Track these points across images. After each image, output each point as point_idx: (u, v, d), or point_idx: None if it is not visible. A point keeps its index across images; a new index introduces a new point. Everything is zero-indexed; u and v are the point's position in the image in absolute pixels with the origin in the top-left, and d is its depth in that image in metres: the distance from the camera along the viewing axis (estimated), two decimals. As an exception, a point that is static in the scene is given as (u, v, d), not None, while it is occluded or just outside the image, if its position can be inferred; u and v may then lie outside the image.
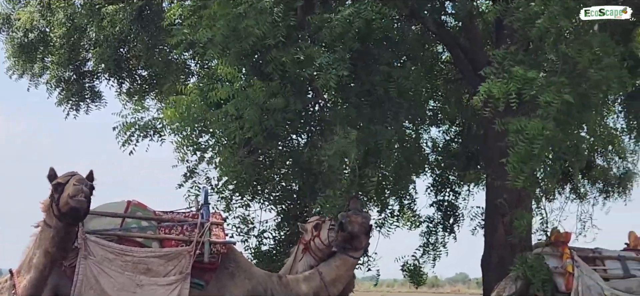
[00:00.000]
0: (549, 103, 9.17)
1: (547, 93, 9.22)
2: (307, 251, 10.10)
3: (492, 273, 12.60)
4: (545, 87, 9.35)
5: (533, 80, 9.41)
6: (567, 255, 10.38)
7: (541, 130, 9.11)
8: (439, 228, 15.88)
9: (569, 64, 9.95)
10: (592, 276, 10.24)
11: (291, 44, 10.92)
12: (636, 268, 10.64)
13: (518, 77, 9.43)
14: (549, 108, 9.18)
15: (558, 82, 9.45)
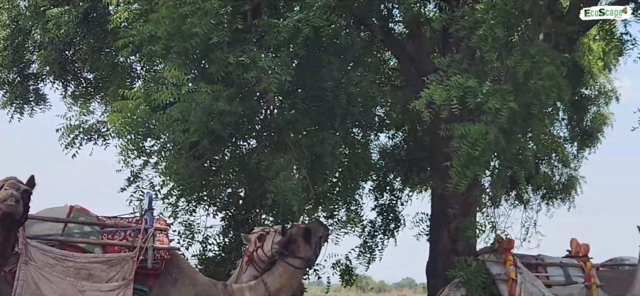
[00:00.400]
0: (497, 110, 9.25)
1: (495, 101, 9.30)
2: (251, 263, 10.02)
3: (437, 279, 12.67)
4: (490, 95, 9.43)
5: (474, 88, 9.49)
6: (510, 262, 10.47)
7: (484, 134, 9.19)
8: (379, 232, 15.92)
9: (511, 73, 10.06)
10: (534, 283, 10.36)
11: (237, 46, 10.85)
12: (577, 275, 10.79)
13: (459, 85, 9.51)
14: (496, 116, 9.26)
15: (502, 90, 9.54)
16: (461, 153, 9.37)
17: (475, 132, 9.23)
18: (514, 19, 10.36)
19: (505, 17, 9.93)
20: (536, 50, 10.02)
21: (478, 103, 9.46)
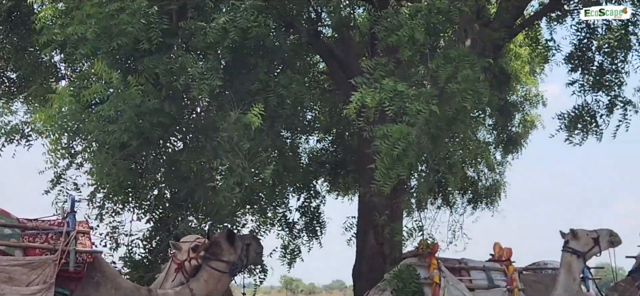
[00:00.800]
0: (418, 112, 9.31)
1: (417, 103, 9.36)
2: (180, 271, 9.84)
3: (363, 281, 12.74)
4: (415, 98, 9.49)
5: (402, 92, 9.54)
6: (435, 266, 10.54)
7: (405, 134, 9.24)
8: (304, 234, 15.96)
9: (434, 77, 10.15)
10: (457, 287, 10.44)
11: (165, 50, 10.73)
12: (500, 278, 10.92)
13: (388, 88, 9.55)
14: (417, 118, 9.32)
15: (425, 94, 9.62)
16: (384, 154, 9.40)
17: (396, 132, 9.27)
18: (440, 25, 10.43)
19: (429, 22, 10.00)
20: (457, 55, 10.12)
21: (402, 106, 9.51)
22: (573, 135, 14.27)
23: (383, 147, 9.38)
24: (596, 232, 11.07)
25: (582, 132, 14.38)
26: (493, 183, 17.86)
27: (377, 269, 12.48)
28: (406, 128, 9.29)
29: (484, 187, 17.79)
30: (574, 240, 10.97)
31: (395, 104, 9.51)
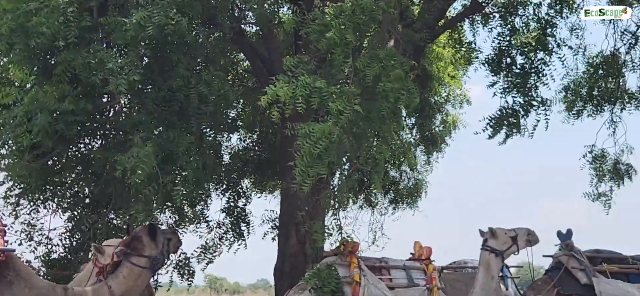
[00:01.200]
0: (340, 112, 9.30)
1: (339, 102, 9.35)
2: (102, 275, 9.61)
3: (284, 280, 12.72)
4: (337, 96, 9.47)
5: (321, 89, 9.53)
6: (355, 265, 10.55)
7: (328, 133, 9.22)
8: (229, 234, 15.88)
9: (359, 76, 10.15)
10: (377, 286, 10.46)
11: (83, 45, 10.54)
12: (420, 277, 10.98)
13: (305, 84, 9.52)
14: (340, 117, 9.31)
15: (349, 93, 9.61)
16: (304, 152, 9.36)
17: (319, 130, 9.24)
18: (364, 25, 10.45)
19: (354, 22, 10.02)
20: (385, 54, 10.16)
21: (321, 103, 9.49)
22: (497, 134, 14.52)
23: (304, 146, 9.34)
24: (514, 231, 11.19)
25: (506, 133, 14.63)
26: (414, 183, 18.04)
27: (298, 268, 12.48)
28: (328, 127, 9.26)
29: (405, 187, 17.96)
30: (492, 238, 11.07)
31: (314, 101, 9.47)
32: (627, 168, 15.83)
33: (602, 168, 15.82)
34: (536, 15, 15.37)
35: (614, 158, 15.87)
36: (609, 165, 15.86)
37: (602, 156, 15.89)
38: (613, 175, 15.78)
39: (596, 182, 15.84)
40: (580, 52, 15.99)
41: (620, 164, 15.83)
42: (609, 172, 15.82)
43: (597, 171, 15.84)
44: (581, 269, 11.41)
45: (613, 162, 15.85)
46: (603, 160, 15.86)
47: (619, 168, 15.79)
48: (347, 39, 9.90)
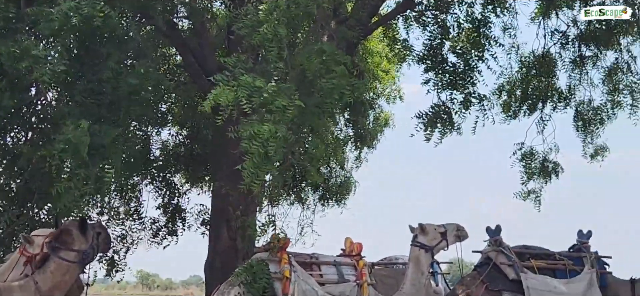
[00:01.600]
0: (284, 108, 9.24)
1: (281, 99, 9.30)
2: (29, 264, 9.40)
3: (215, 276, 12.64)
4: (276, 94, 9.42)
5: (261, 88, 9.46)
6: (285, 261, 10.51)
7: (274, 133, 9.16)
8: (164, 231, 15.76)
9: (296, 71, 10.11)
10: (308, 281, 10.45)
11: (9, 35, 10.31)
12: (350, 273, 10.99)
13: (246, 85, 9.45)
14: (284, 113, 9.26)
15: (286, 89, 9.57)
16: (253, 154, 9.26)
17: (266, 132, 9.17)
18: (298, 20, 10.42)
19: (289, 17, 9.97)
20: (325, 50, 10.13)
21: (264, 101, 9.42)
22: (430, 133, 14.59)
23: (253, 148, 9.22)
24: (444, 227, 11.29)
25: (440, 131, 14.72)
26: (344, 181, 18.11)
27: (230, 264, 12.41)
28: (274, 126, 9.19)
29: (334, 185, 18.01)
30: (422, 234, 11.16)
31: (254, 101, 9.40)
32: (554, 166, 16.09)
33: (531, 166, 16.05)
34: (469, 15, 15.53)
35: (542, 156, 16.11)
36: (537, 162, 16.09)
37: (531, 154, 16.13)
38: (541, 172, 16.02)
39: (526, 180, 16.04)
40: (513, 52, 16.24)
41: (548, 162, 16.08)
42: (537, 170, 16.05)
43: (526, 169, 16.06)
44: (509, 265, 11.55)
45: (541, 159, 16.08)
46: (532, 158, 16.10)
47: (547, 166, 16.04)
48: (280, 34, 9.85)
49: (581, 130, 16.27)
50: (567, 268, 11.81)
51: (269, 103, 9.36)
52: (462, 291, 11.47)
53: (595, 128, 16.20)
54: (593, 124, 16.17)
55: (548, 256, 12.00)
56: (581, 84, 16.21)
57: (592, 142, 16.29)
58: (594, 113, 16.12)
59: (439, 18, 15.55)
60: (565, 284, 11.47)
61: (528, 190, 16.00)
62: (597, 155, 16.36)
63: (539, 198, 15.92)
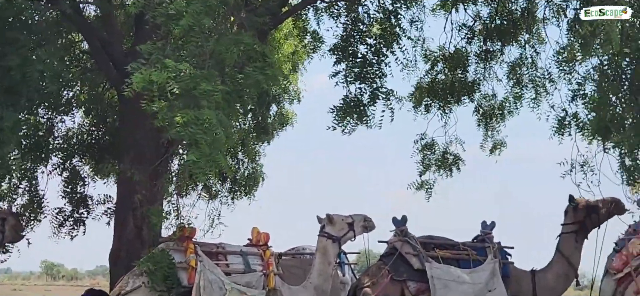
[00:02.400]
0: (208, 92, 9.10)
1: (206, 83, 9.15)
2: None
3: (120, 266, 12.48)
4: (199, 78, 9.27)
5: (183, 72, 9.30)
6: (191, 250, 10.43)
7: (217, 117, 9.01)
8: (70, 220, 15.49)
9: (215, 59, 9.98)
10: (214, 271, 10.39)
11: None
12: (257, 263, 10.98)
13: (170, 67, 9.27)
14: (210, 98, 9.12)
15: (208, 75, 9.44)
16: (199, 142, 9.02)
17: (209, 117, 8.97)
18: (215, 9, 10.29)
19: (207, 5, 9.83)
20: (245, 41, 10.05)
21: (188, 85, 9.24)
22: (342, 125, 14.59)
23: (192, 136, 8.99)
24: (351, 217, 11.41)
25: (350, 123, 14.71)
26: (252, 172, 18.08)
27: (135, 253, 12.22)
28: (210, 112, 9.01)
29: (242, 176, 17.96)
30: (329, 225, 11.25)
31: (180, 85, 9.21)
32: (455, 158, 16.27)
33: (428, 157, 16.20)
34: (381, 6, 15.60)
35: (442, 148, 16.26)
36: (437, 154, 16.25)
37: (431, 145, 16.28)
38: (441, 164, 16.18)
39: (422, 171, 16.15)
40: (419, 45, 16.37)
41: (449, 154, 16.26)
42: (435, 162, 16.21)
43: (423, 160, 16.18)
44: (414, 254, 11.70)
45: (441, 152, 16.24)
46: (432, 150, 16.25)
47: (447, 158, 16.22)
48: (203, 24, 9.73)
49: (482, 124, 16.50)
50: (470, 258, 12.02)
51: (193, 88, 9.18)
52: (368, 281, 11.59)
53: (495, 122, 16.44)
54: (494, 118, 16.42)
55: (452, 247, 12.20)
56: (486, 79, 16.45)
57: (492, 136, 16.52)
58: (496, 107, 16.37)
59: (350, 9, 15.56)
60: (468, 273, 11.69)
61: (422, 181, 16.08)
62: (496, 149, 16.60)
63: (431, 189, 16.04)
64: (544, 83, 15.16)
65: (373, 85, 14.92)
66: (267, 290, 10.73)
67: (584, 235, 12.00)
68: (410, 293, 11.52)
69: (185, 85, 9.12)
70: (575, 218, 12.01)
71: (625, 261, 10.24)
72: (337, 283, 12.33)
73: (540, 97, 15.25)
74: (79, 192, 15.92)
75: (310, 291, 11.16)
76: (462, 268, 11.84)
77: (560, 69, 13.36)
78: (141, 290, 10.09)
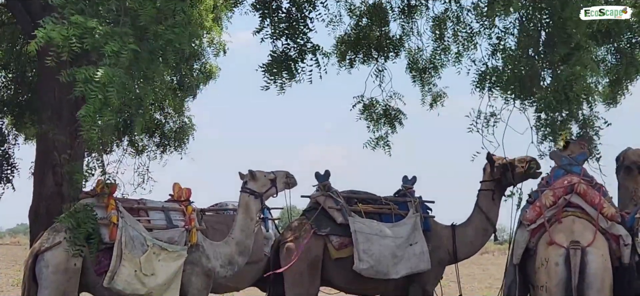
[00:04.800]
0: (116, 53, 8.94)
1: (114, 43, 8.99)
2: None
3: (40, 223, 12.33)
4: (109, 37, 9.10)
5: (93, 29, 9.13)
6: (112, 206, 10.33)
7: (112, 77, 8.86)
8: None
9: (131, 17, 9.81)
10: (136, 227, 10.31)
11: None
12: (179, 218, 10.93)
13: (78, 24, 9.08)
14: (118, 58, 8.96)
15: (121, 32, 9.28)
16: (92, 100, 8.89)
17: (104, 76, 8.83)
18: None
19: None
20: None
21: (95, 44, 9.08)
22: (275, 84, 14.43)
23: (90, 93, 8.84)
24: (273, 173, 11.44)
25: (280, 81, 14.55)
26: (180, 126, 17.95)
27: (55, 210, 12.07)
28: (111, 70, 8.85)
29: (171, 130, 17.84)
30: (252, 180, 11.27)
31: (86, 42, 9.02)
32: (396, 113, 16.24)
33: (374, 113, 16.15)
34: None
35: (383, 105, 16.24)
36: (379, 111, 16.22)
37: (372, 105, 16.25)
38: (385, 120, 16.16)
39: (373, 128, 16.11)
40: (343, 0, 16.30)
41: (391, 110, 16.24)
42: (381, 116, 16.15)
43: (371, 117, 16.13)
44: (337, 209, 11.80)
45: (383, 108, 16.22)
46: (373, 108, 16.22)
47: (390, 114, 16.21)
48: None
49: (418, 79, 16.51)
50: (392, 212, 12.17)
51: (101, 46, 9.03)
52: (291, 236, 11.67)
53: (429, 76, 16.45)
54: (427, 72, 16.42)
55: (375, 201, 12.32)
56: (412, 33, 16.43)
57: (430, 90, 16.52)
58: (427, 62, 16.38)
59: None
60: (390, 227, 11.83)
61: (376, 137, 16.05)
62: (436, 102, 16.59)
63: (388, 142, 16.00)
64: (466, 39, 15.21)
65: (299, 41, 14.80)
66: (189, 246, 10.71)
67: (501, 192, 12.22)
68: (334, 247, 11.63)
69: (92, 42, 8.92)
70: (492, 176, 12.23)
71: (538, 213, 10.46)
72: (260, 239, 12.37)
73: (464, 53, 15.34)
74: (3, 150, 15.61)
75: (232, 247, 11.19)
76: (385, 222, 11.98)
77: (480, 23, 13.46)
78: (61, 246, 9.98)
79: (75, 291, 10.13)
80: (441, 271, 12.40)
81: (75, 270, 10.03)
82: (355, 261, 11.40)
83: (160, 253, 10.34)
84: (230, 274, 11.31)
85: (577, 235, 9.88)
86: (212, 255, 11.02)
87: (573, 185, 10.41)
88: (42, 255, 10.03)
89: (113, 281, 9.99)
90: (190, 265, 10.70)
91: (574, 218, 10.17)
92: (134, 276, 10.06)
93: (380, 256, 11.49)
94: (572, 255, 9.68)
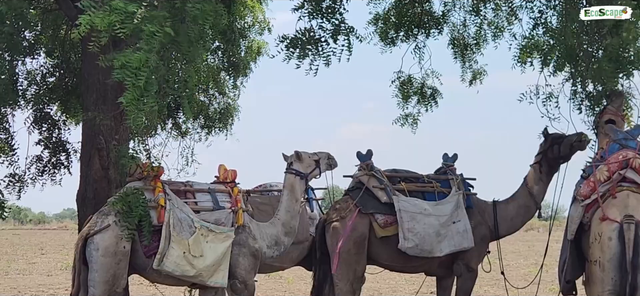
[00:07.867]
0: (152, 34, 8.98)
1: (151, 25, 9.04)
2: None
3: (87, 207, 12.46)
4: (148, 20, 9.15)
5: (133, 13, 9.17)
6: (160, 189, 10.45)
7: (145, 62, 8.91)
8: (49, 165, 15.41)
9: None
10: (183, 209, 10.42)
11: None
12: (225, 200, 11.01)
13: (119, 9, 9.13)
14: (152, 40, 9.00)
15: (159, 16, 9.32)
16: (131, 87, 8.94)
17: (136, 60, 8.89)
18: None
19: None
20: None
21: (135, 28, 9.13)
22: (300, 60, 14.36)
23: (127, 79, 8.89)
24: (317, 155, 11.47)
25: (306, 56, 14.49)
26: (225, 107, 18.02)
27: (102, 194, 12.23)
28: (144, 55, 8.90)
29: (216, 111, 17.91)
30: (297, 161, 11.31)
31: (127, 27, 9.08)
32: (433, 91, 16.15)
33: (408, 90, 16.08)
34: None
35: (420, 82, 16.16)
36: (416, 88, 16.14)
37: (409, 81, 16.18)
38: (420, 97, 16.07)
39: (403, 104, 16.06)
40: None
41: (426, 88, 16.15)
42: (415, 94, 16.08)
43: (403, 93, 16.04)
44: (381, 188, 11.84)
45: (419, 85, 16.14)
46: (410, 85, 16.15)
47: (425, 92, 16.12)
48: None
49: (459, 56, 16.37)
50: (435, 190, 12.17)
51: (140, 31, 9.08)
52: (336, 216, 11.71)
53: (471, 53, 16.31)
54: (469, 49, 16.29)
55: (417, 180, 12.33)
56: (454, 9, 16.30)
57: (471, 67, 16.39)
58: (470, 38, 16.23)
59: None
60: (434, 206, 11.84)
61: (405, 114, 16.01)
62: (475, 79, 16.46)
63: (417, 120, 15.93)
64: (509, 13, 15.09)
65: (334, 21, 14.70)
66: (236, 227, 10.80)
67: (548, 166, 12.11)
68: (379, 225, 11.68)
69: (133, 26, 8.96)
70: (540, 149, 12.16)
71: (592, 188, 10.34)
72: (305, 219, 12.44)
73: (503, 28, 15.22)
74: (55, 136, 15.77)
75: (278, 227, 11.26)
76: (428, 200, 11.99)
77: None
78: (110, 229, 10.11)
79: (125, 274, 10.28)
80: (485, 247, 12.39)
81: (125, 252, 10.17)
82: (400, 241, 11.45)
83: (208, 234, 10.46)
84: (277, 254, 11.39)
85: (631, 210, 9.74)
86: (259, 235, 11.10)
87: (628, 160, 10.27)
88: (92, 238, 10.16)
89: (162, 263, 10.11)
90: (237, 246, 10.78)
91: (629, 193, 10.01)
92: (183, 258, 10.19)
93: (424, 235, 11.53)
94: (626, 230, 9.55)
